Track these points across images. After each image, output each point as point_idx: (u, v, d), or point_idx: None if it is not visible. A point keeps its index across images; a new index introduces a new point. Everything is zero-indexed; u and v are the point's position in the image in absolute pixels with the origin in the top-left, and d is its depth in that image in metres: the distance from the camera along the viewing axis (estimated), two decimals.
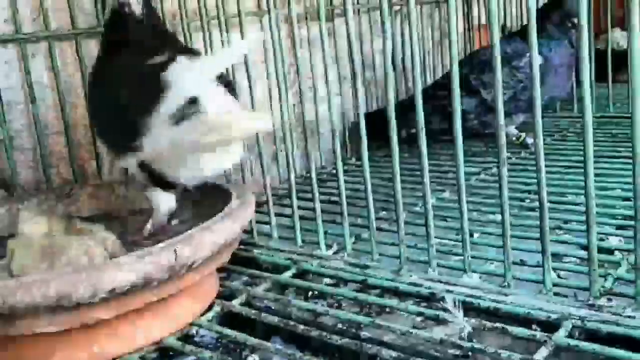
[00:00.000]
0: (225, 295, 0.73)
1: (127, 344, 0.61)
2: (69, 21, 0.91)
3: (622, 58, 1.47)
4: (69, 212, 0.81)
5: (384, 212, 0.94)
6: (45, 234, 0.68)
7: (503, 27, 1.59)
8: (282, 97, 0.84)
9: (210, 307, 0.69)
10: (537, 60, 0.62)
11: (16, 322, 0.54)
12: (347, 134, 1.30)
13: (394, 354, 0.56)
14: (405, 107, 0.88)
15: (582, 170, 0.59)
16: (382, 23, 0.70)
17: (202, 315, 0.68)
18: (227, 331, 0.65)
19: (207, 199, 0.79)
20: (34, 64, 0.89)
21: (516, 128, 1.24)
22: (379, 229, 0.81)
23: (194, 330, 0.67)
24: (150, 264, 0.55)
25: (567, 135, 1.30)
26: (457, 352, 0.59)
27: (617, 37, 1.67)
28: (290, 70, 1.18)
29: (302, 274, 0.79)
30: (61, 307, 0.53)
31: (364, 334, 0.66)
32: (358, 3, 1.34)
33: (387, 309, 0.69)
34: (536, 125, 0.61)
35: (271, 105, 1.00)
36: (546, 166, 0.62)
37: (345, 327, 0.68)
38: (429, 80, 1.46)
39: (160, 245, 0.58)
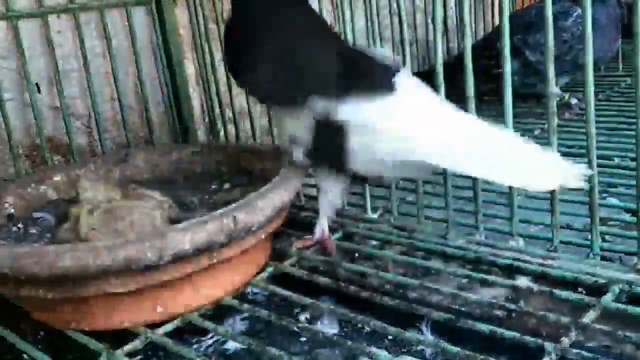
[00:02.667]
0: (277, 256, 0.76)
1: (188, 303, 0.64)
2: None
3: None
4: (125, 176, 0.85)
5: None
6: (106, 199, 0.71)
7: None
8: None
9: (263, 268, 0.72)
10: (589, 20, 0.60)
11: (87, 284, 0.58)
12: None
13: (444, 315, 0.59)
14: (446, 69, 0.87)
15: (628, 132, 0.59)
16: None
17: (256, 275, 0.71)
18: (281, 291, 0.68)
19: (258, 165, 0.81)
20: (86, 32, 0.92)
21: (560, 89, 1.22)
22: (423, 192, 0.82)
23: (249, 289, 0.70)
24: (212, 229, 0.58)
25: (611, 96, 1.28)
26: (505, 314, 0.60)
27: None
28: None
29: (348, 237, 0.81)
30: (129, 270, 0.57)
31: (412, 295, 0.68)
32: None
33: (433, 272, 0.71)
34: (587, 89, 0.60)
35: None
36: None
37: (392, 289, 0.71)
38: None
39: (221, 211, 0.61)
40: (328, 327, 0.66)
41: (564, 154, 0.94)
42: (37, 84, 0.90)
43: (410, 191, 0.88)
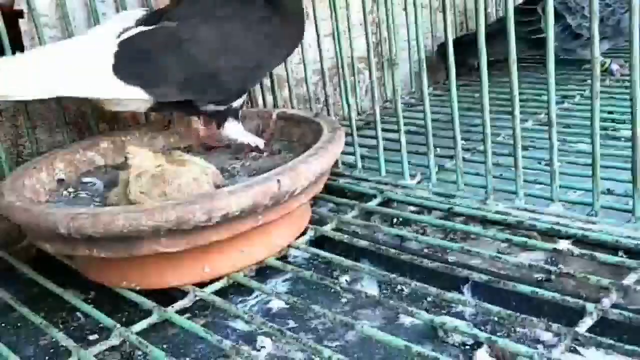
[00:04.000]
0: (316, 221, 0.78)
1: (234, 263, 0.67)
2: None
3: None
4: (168, 143, 0.87)
5: (464, 142, 0.95)
6: (154, 164, 0.73)
7: None
8: (367, 26, 0.86)
9: (304, 232, 0.74)
10: None
11: (139, 243, 0.61)
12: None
13: (484, 277, 0.60)
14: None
15: None
16: None
17: (297, 238, 0.73)
18: (322, 253, 0.70)
19: (297, 131, 0.83)
20: (129, 1, 0.93)
21: (601, 54, 1.20)
22: (462, 158, 0.83)
23: (291, 252, 0.72)
24: (258, 192, 0.60)
25: None
26: (545, 276, 0.61)
27: None
28: None
29: (387, 203, 0.82)
30: (180, 231, 0.59)
31: (451, 258, 0.69)
32: None
33: (473, 236, 0.72)
34: (633, 53, 0.60)
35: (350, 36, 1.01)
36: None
37: (431, 252, 0.72)
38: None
39: (265, 175, 0.62)
40: (368, 289, 0.68)
41: (606, 120, 0.95)
42: None
43: (445, 157, 0.89)
